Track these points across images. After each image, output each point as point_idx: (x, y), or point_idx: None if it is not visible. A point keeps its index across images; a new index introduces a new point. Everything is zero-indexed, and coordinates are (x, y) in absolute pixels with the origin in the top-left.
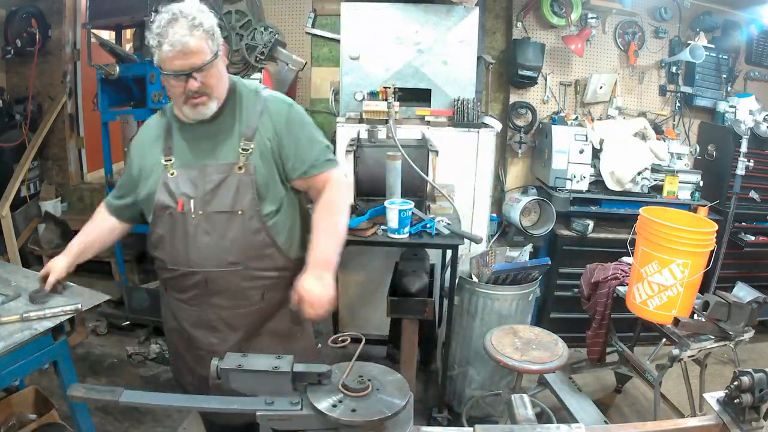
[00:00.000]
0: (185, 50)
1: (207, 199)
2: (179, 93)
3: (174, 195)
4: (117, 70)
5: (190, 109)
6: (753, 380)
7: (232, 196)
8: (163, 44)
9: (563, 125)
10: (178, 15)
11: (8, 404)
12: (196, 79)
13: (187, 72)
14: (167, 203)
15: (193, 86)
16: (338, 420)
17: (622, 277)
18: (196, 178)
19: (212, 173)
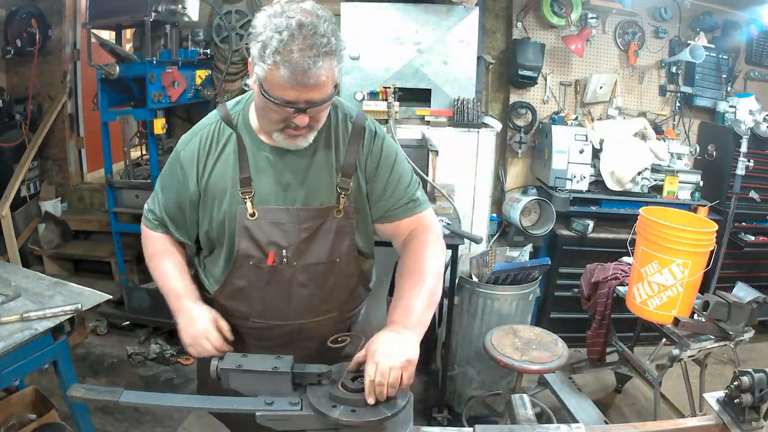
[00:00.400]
0: (309, 83)
1: (301, 249)
2: (278, 120)
3: (260, 245)
4: (117, 70)
5: (284, 139)
6: (753, 380)
7: (330, 245)
8: (281, 66)
9: (563, 125)
10: (307, 31)
11: (8, 404)
12: (306, 113)
13: (300, 107)
14: (252, 253)
15: (303, 122)
16: (338, 420)
17: (622, 277)
18: (287, 223)
19: (306, 219)
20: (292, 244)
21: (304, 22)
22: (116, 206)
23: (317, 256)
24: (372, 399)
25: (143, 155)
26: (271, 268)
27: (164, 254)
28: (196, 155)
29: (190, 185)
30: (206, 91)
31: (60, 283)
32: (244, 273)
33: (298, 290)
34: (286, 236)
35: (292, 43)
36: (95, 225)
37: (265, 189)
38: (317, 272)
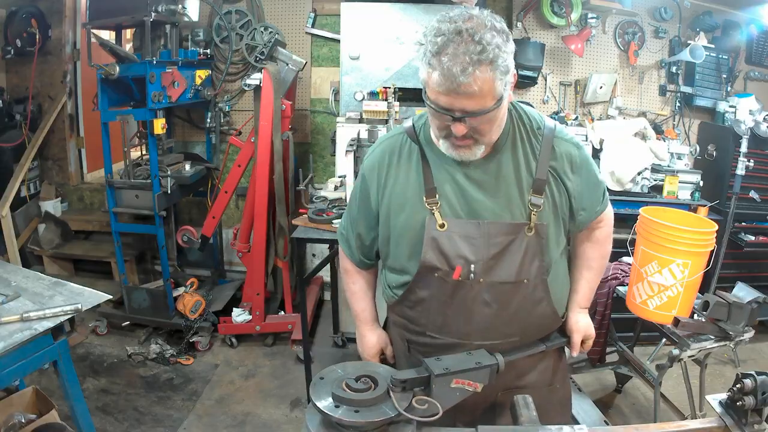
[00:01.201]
0: (460, 91)
1: (490, 265)
2: (439, 127)
3: (448, 257)
4: (117, 70)
5: (447, 148)
6: (755, 383)
7: (519, 264)
8: (434, 70)
9: (563, 125)
10: (465, 36)
11: (8, 404)
12: (465, 123)
13: (455, 115)
14: (438, 265)
15: (459, 131)
16: (341, 420)
17: (622, 277)
18: (476, 238)
19: (497, 234)
20: (481, 259)
21: (464, 28)
22: (116, 206)
23: (505, 275)
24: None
25: (143, 155)
26: (456, 282)
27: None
28: (377, 166)
29: (371, 196)
30: (206, 91)
31: (60, 283)
32: (428, 284)
33: (481, 309)
34: (476, 251)
35: (446, 48)
36: (95, 225)
37: (450, 201)
38: (503, 291)
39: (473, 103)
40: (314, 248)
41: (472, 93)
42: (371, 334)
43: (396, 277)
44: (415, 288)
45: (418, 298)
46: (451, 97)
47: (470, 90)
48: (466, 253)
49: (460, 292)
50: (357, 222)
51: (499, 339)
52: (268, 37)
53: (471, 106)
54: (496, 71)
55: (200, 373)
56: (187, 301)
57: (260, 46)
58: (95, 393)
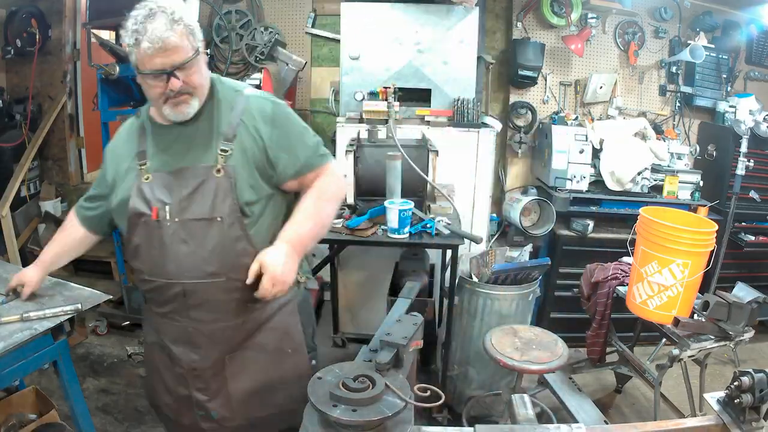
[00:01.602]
0: (166, 47)
1: (184, 205)
2: (159, 93)
3: (148, 201)
4: (117, 70)
5: (170, 109)
6: (753, 380)
7: (211, 202)
8: (142, 41)
9: (563, 125)
10: (156, 10)
11: (8, 404)
12: (178, 77)
13: (168, 71)
14: (141, 210)
15: (175, 85)
16: (338, 420)
17: (622, 277)
18: (172, 183)
19: (189, 177)
20: (176, 201)
21: (153, 6)
22: None
23: (198, 212)
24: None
25: None
26: (156, 223)
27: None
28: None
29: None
30: None
31: (60, 283)
32: (138, 230)
33: (179, 246)
34: (170, 194)
35: (146, 22)
36: None
37: (157, 157)
38: (197, 229)
39: (178, 56)
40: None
41: (176, 46)
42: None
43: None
44: (131, 237)
45: (133, 246)
46: (161, 56)
47: (174, 43)
48: (162, 196)
49: (161, 232)
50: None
51: (203, 278)
52: (268, 37)
53: (177, 59)
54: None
55: None
56: None
57: (260, 46)
58: (95, 393)
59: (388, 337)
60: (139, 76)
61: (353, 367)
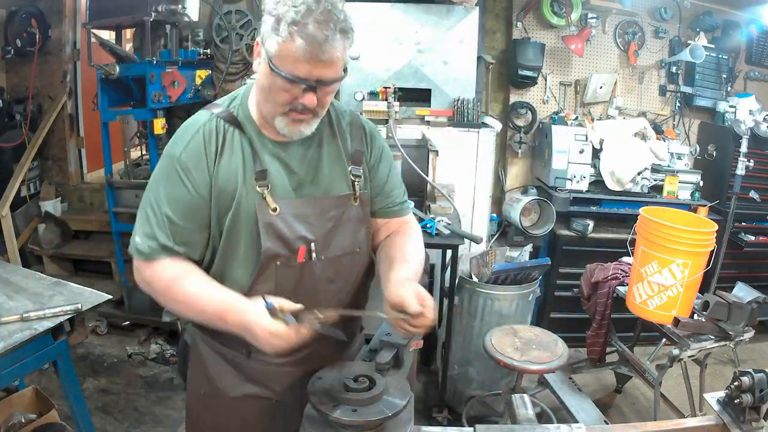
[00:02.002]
0: (324, 57)
1: (328, 240)
2: (286, 101)
3: (288, 240)
4: (117, 70)
5: (287, 124)
6: (753, 380)
7: (352, 234)
8: (297, 37)
9: (563, 125)
10: (324, 6)
11: (8, 404)
12: (316, 94)
13: (311, 84)
14: (279, 252)
15: (311, 102)
16: (339, 420)
17: (622, 277)
18: (308, 213)
19: (329, 208)
20: (320, 236)
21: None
22: (116, 206)
23: (342, 248)
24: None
25: (143, 155)
26: (300, 266)
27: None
28: (203, 154)
29: (202, 189)
30: (206, 91)
31: (60, 283)
32: (271, 276)
33: (326, 286)
34: (312, 228)
35: (309, 16)
36: (95, 225)
37: (279, 182)
38: (343, 264)
39: (331, 72)
40: None
41: (334, 60)
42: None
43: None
44: (257, 284)
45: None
46: (312, 64)
47: (333, 56)
48: (303, 232)
49: (305, 275)
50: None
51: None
52: None
53: (328, 74)
54: (349, 41)
55: None
56: None
57: None
58: (95, 393)
59: (389, 338)
60: (272, 72)
61: (353, 367)
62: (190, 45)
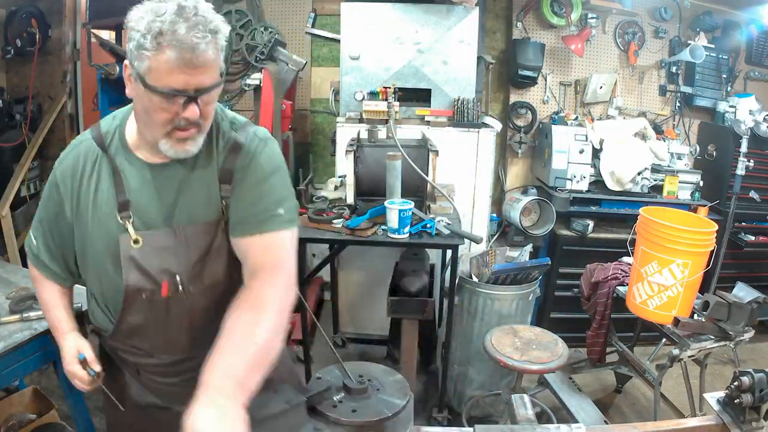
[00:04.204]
0: (198, 62)
1: (196, 271)
2: (166, 120)
3: (150, 275)
4: (117, 70)
5: (171, 145)
6: (753, 380)
7: (226, 260)
8: (166, 47)
9: (563, 125)
10: (189, 12)
11: (8, 404)
12: (199, 105)
13: (190, 94)
14: (142, 286)
15: (194, 114)
16: (339, 420)
17: (622, 277)
18: (173, 246)
19: (196, 237)
20: (185, 268)
21: (184, 3)
22: None
23: (214, 276)
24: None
25: None
26: (166, 299)
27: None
28: (70, 173)
29: (67, 208)
30: None
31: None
32: (138, 308)
33: (202, 316)
34: (178, 261)
35: (175, 24)
36: None
37: (144, 211)
38: (217, 292)
39: (208, 78)
40: (314, 248)
41: (209, 64)
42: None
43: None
44: (126, 317)
45: (132, 327)
46: (187, 72)
47: (208, 60)
48: (167, 265)
49: (174, 306)
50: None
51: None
52: (268, 37)
53: (206, 81)
54: (220, 42)
55: None
56: None
57: (260, 46)
58: (95, 393)
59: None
60: (145, 91)
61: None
62: None
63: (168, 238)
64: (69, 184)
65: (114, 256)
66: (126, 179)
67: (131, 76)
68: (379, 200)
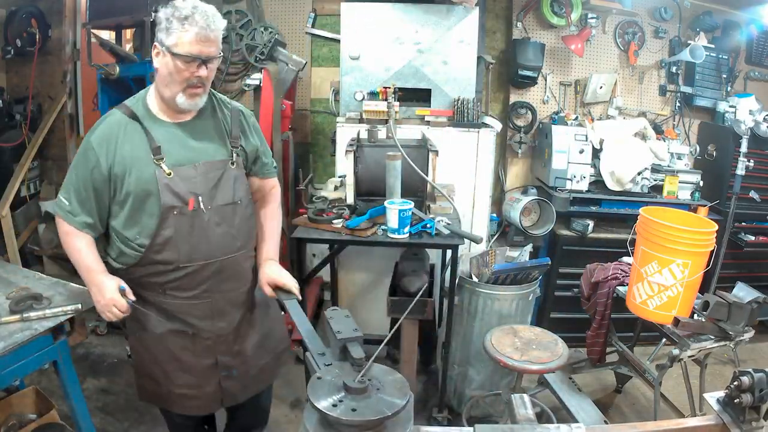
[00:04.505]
0: (210, 37)
1: (213, 194)
2: (185, 78)
3: (180, 195)
4: (117, 70)
5: (186, 98)
6: (753, 380)
7: (232, 189)
8: (190, 26)
9: (563, 125)
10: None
11: (8, 404)
12: (207, 67)
13: (203, 58)
14: (174, 203)
15: (203, 73)
16: (338, 419)
17: (622, 277)
18: (196, 176)
19: (211, 170)
20: (205, 191)
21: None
22: None
23: (224, 198)
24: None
25: None
26: (192, 213)
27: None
28: (105, 139)
29: (102, 162)
30: None
31: (60, 283)
32: (171, 222)
33: (215, 229)
34: (198, 185)
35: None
36: None
37: (172, 154)
38: (226, 212)
39: (215, 49)
40: (314, 248)
41: (216, 39)
42: (109, 279)
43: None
44: (161, 231)
45: (165, 238)
46: (202, 44)
47: (216, 36)
48: (192, 188)
49: (196, 220)
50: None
51: (234, 252)
52: (268, 37)
53: (213, 52)
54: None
55: None
56: None
57: (260, 46)
58: (95, 393)
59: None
60: (171, 56)
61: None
62: None
63: (191, 171)
64: (105, 145)
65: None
66: (154, 135)
67: (159, 51)
68: (379, 200)
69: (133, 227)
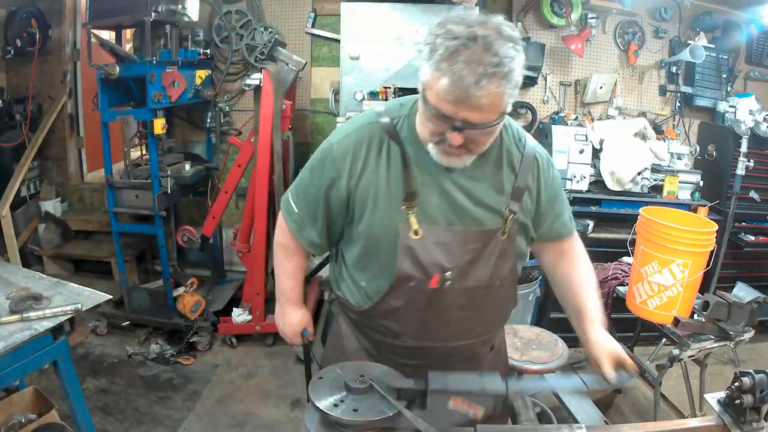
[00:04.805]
0: (470, 102)
1: (465, 270)
2: (432, 133)
3: (424, 267)
4: (117, 70)
5: (438, 154)
6: (754, 381)
7: (492, 268)
8: (444, 76)
9: (563, 125)
10: (481, 44)
11: (8, 404)
12: (461, 135)
13: (457, 125)
14: (413, 274)
15: (457, 141)
16: (339, 419)
17: (622, 277)
18: (449, 242)
19: (472, 240)
20: (457, 266)
21: (480, 35)
22: (116, 206)
23: (479, 279)
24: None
25: (143, 155)
26: (432, 290)
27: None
28: (351, 152)
29: (343, 182)
30: (206, 91)
31: (60, 283)
32: (403, 294)
33: (456, 313)
34: (451, 258)
35: (459, 54)
36: (95, 225)
37: (429, 206)
38: (477, 295)
39: (478, 116)
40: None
41: (481, 106)
42: (295, 313)
43: (369, 281)
44: (389, 299)
45: (392, 308)
46: (456, 106)
47: (479, 103)
48: (441, 260)
49: (436, 299)
50: (315, 205)
51: (473, 338)
52: (268, 37)
53: (475, 118)
54: (507, 86)
55: (200, 373)
56: (187, 301)
57: (260, 46)
58: (95, 393)
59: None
60: (423, 103)
61: (353, 367)
62: (190, 45)
63: (447, 235)
64: (349, 160)
65: (390, 242)
66: (414, 170)
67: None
68: None
69: (363, 271)
